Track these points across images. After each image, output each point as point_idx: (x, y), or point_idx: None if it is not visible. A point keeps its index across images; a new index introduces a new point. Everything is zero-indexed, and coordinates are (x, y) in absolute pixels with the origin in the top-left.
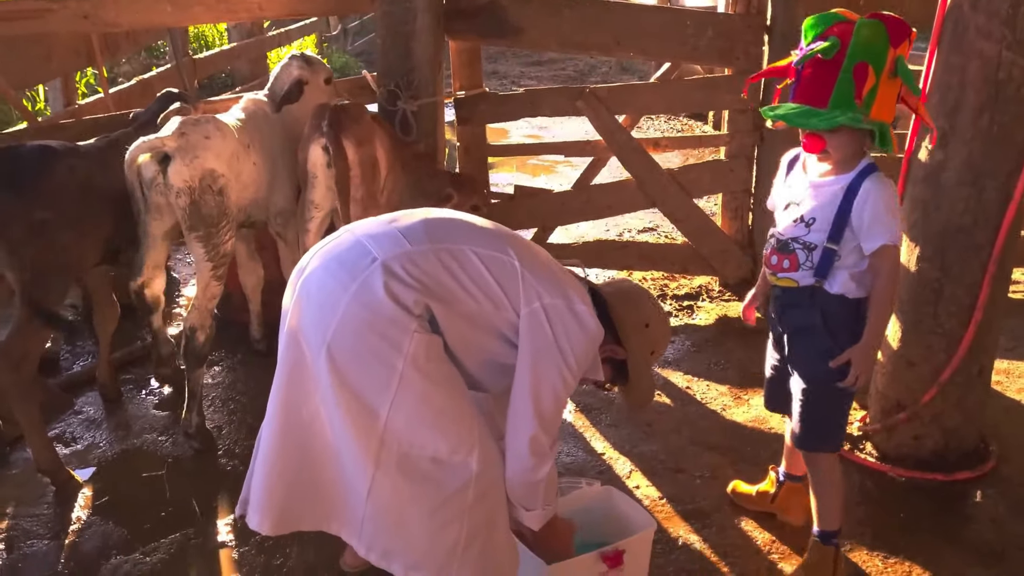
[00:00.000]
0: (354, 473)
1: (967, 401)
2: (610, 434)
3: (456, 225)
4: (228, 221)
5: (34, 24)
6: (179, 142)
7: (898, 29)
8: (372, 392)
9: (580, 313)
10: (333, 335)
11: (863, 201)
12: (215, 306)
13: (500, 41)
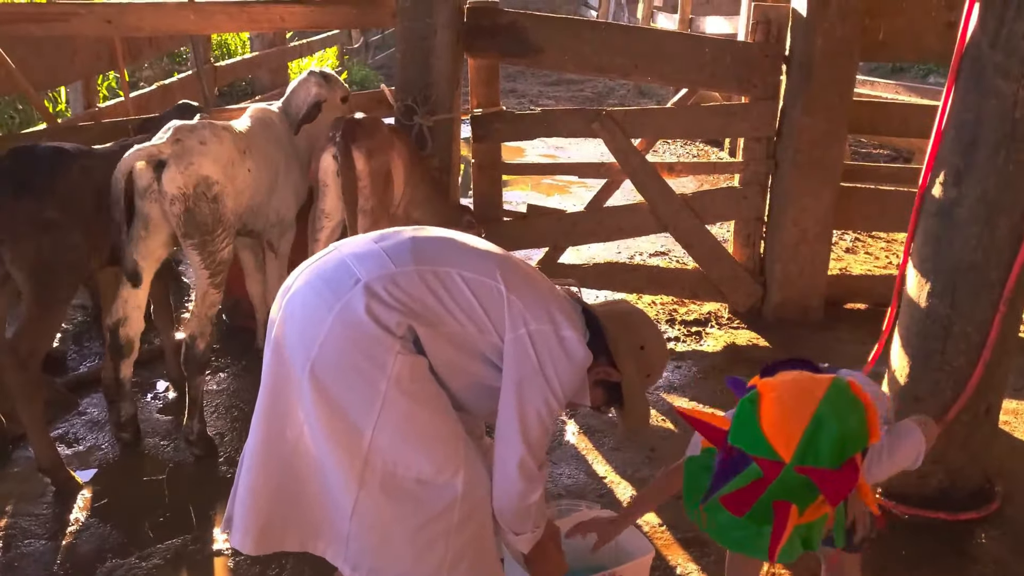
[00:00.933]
0: (338, 492)
1: (973, 440)
2: (612, 457)
3: (444, 245)
4: (224, 229)
5: (59, 27)
6: (174, 148)
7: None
8: (356, 411)
9: (567, 339)
10: (317, 354)
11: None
12: (216, 313)
13: (519, 60)
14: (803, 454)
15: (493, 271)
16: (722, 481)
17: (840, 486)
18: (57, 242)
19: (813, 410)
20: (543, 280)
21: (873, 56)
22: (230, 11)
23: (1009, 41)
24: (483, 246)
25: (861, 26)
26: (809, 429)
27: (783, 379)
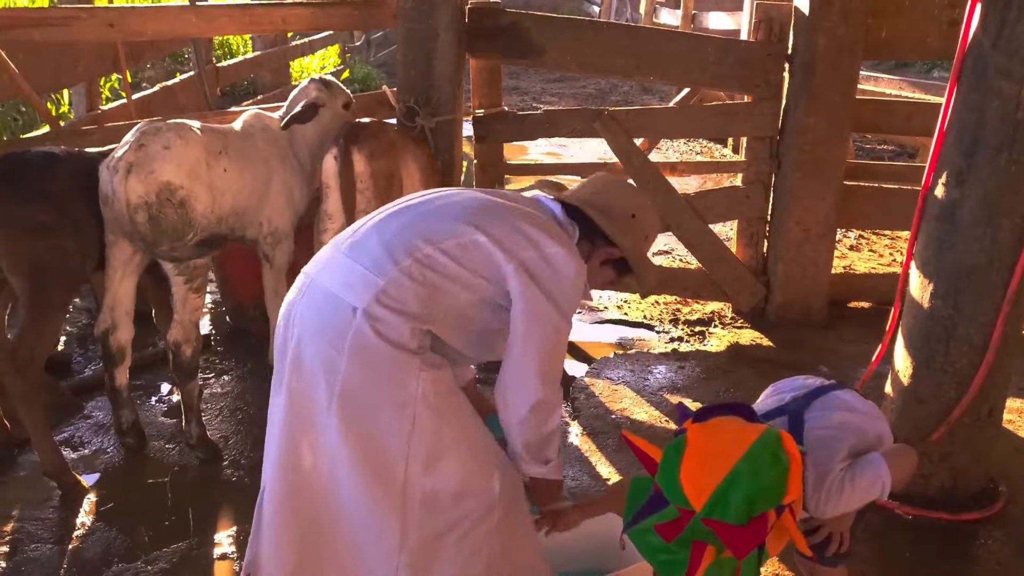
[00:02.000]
0: (379, 528)
1: (976, 441)
2: (616, 459)
3: (408, 226)
4: (196, 233)
5: (61, 31)
6: (136, 155)
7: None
8: (388, 441)
9: (553, 256)
10: (339, 396)
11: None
12: (200, 318)
13: (522, 61)
14: (711, 508)
15: (462, 226)
16: (649, 512)
17: (744, 541)
18: (51, 247)
19: (731, 465)
20: (513, 204)
21: (876, 55)
22: (232, 14)
23: (1011, 42)
24: (443, 200)
25: (864, 25)
26: (722, 485)
27: (714, 427)
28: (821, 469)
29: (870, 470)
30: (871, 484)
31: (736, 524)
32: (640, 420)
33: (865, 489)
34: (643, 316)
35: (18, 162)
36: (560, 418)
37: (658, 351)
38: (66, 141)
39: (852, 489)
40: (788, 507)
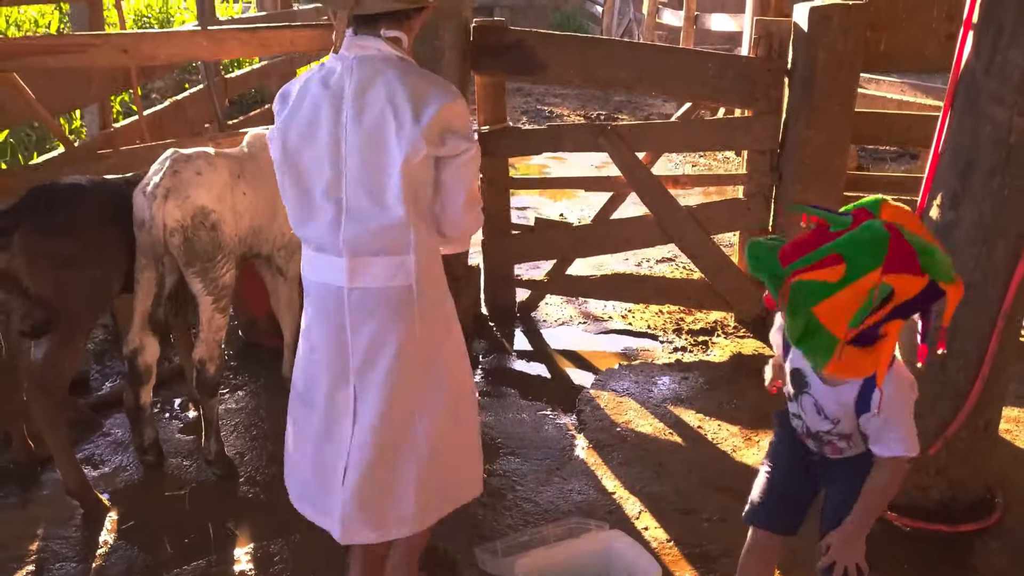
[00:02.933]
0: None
1: (973, 454)
2: (621, 472)
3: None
4: (224, 255)
5: (75, 58)
6: (172, 181)
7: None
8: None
9: (438, 96)
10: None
11: (872, 411)
12: (223, 337)
13: (525, 77)
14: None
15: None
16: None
17: (908, 281)
18: (78, 277)
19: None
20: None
21: (874, 67)
22: (241, 37)
23: (1003, 69)
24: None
25: (863, 38)
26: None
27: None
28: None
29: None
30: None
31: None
32: (645, 432)
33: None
34: (647, 326)
35: (46, 194)
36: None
37: (662, 361)
38: (81, 165)
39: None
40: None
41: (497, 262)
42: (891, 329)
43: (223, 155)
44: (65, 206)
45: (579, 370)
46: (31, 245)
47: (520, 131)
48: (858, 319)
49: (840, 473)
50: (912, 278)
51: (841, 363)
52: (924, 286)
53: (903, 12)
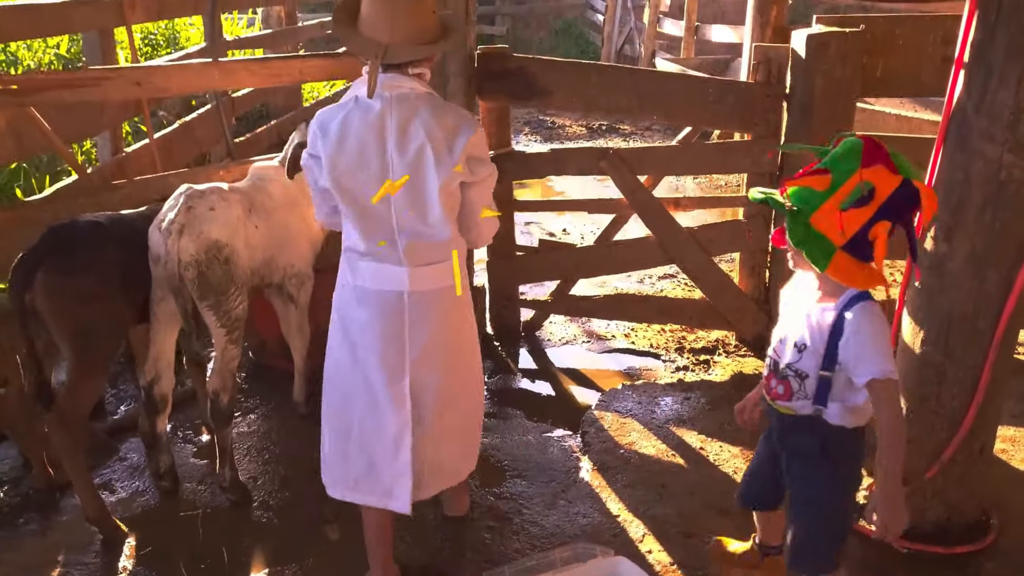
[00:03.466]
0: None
1: (969, 477)
2: (625, 495)
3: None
4: (237, 287)
5: (91, 92)
6: (187, 217)
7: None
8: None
9: (459, 122)
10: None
11: (846, 336)
12: (236, 367)
13: (529, 103)
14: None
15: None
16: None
17: (885, 177)
18: (98, 312)
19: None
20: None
21: (872, 92)
22: (252, 68)
23: (993, 108)
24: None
25: (860, 65)
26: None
27: None
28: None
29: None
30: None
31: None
32: (648, 454)
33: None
34: (649, 344)
35: (65, 233)
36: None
37: (664, 381)
38: (96, 196)
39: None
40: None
41: (502, 283)
42: (879, 232)
43: (235, 190)
44: (84, 245)
45: (583, 389)
46: (53, 283)
47: (524, 155)
48: (847, 203)
49: (802, 472)
50: (888, 173)
51: (839, 268)
52: (900, 183)
53: (900, 38)
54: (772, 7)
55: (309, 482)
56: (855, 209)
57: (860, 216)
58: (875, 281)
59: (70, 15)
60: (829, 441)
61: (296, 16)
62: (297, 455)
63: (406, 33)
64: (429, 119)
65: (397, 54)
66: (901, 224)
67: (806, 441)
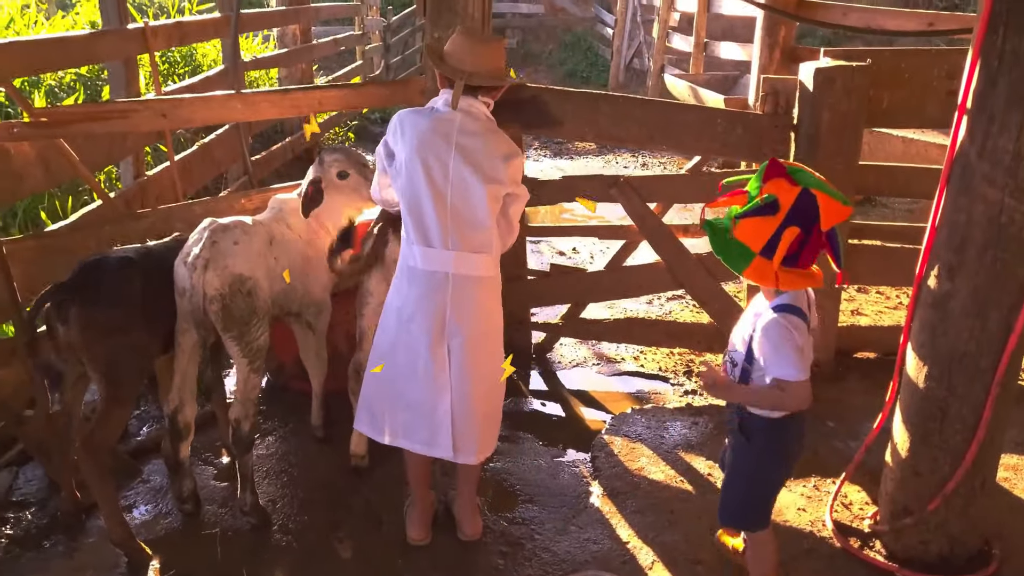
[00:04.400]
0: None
1: (971, 509)
2: (635, 521)
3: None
4: (259, 319)
5: (118, 123)
6: (211, 252)
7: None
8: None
9: (506, 152)
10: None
11: (758, 337)
12: (258, 395)
13: (541, 131)
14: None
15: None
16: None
17: (784, 188)
18: (127, 344)
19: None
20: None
21: (878, 124)
22: (272, 99)
23: (994, 153)
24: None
25: (866, 98)
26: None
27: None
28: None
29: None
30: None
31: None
32: (657, 479)
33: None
34: (658, 368)
35: (97, 269)
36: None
37: (673, 405)
38: (121, 224)
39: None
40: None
41: (513, 305)
42: (788, 238)
43: (257, 223)
44: (115, 279)
45: (593, 411)
46: (86, 318)
47: (535, 181)
48: (747, 211)
49: (730, 447)
50: (788, 185)
51: (755, 271)
52: (799, 193)
53: (905, 71)
54: (780, 28)
55: (325, 505)
56: (761, 218)
57: (769, 224)
58: (807, 282)
59: (97, 46)
60: (745, 422)
61: (311, 33)
62: (315, 478)
63: (483, 66)
64: (488, 137)
65: (476, 79)
66: (811, 229)
67: (733, 416)
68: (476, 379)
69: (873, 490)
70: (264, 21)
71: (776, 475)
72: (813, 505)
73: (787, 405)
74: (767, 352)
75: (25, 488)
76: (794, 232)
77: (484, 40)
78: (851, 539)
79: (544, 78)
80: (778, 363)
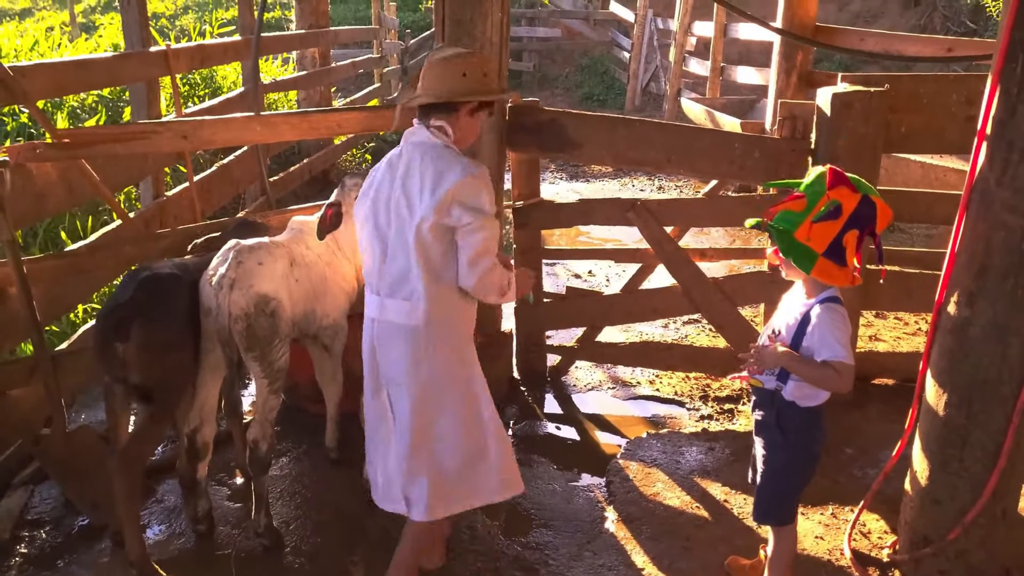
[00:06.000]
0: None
1: (991, 540)
2: (650, 547)
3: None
4: (281, 339)
5: (140, 144)
6: (237, 272)
7: (837, 177)
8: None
9: (461, 177)
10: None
11: (813, 327)
12: (276, 416)
13: (559, 155)
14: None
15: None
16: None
17: (848, 195)
18: (179, 362)
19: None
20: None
21: (896, 149)
22: (292, 121)
23: (1014, 181)
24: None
25: (884, 122)
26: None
27: None
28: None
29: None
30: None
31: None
32: (673, 505)
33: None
34: (674, 392)
35: (152, 285)
36: (496, 266)
37: (688, 430)
38: (141, 244)
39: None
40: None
41: (529, 328)
42: (850, 240)
43: (280, 244)
44: (167, 296)
45: (608, 435)
46: (147, 335)
47: (552, 204)
48: (818, 217)
49: (763, 438)
50: (850, 192)
51: (822, 271)
52: (860, 199)
53: (924, 97)
54: (798, 52)
55: (339, 527)
56: (826, 222)
57: (832, 228)
58: (849, 280)
59: (120, 68)
60: (782, 414)
61: (330, 56)
62: (328, 500)
63: (432, 86)
64: (427, 163)
65: (417, 99)
66: (868, 233)
67: (768, 412)
68: (419, 431)
69: (892, 519)
70: (284, 44)
71: (809, 467)
72: (831, 533)
73: (834, 384)
74: (822, 335)
75: (41, 507)
76: (855, 235)
77: (443, 58)
78: (870, 569)
79: (561, 101)
80: (832, 345)
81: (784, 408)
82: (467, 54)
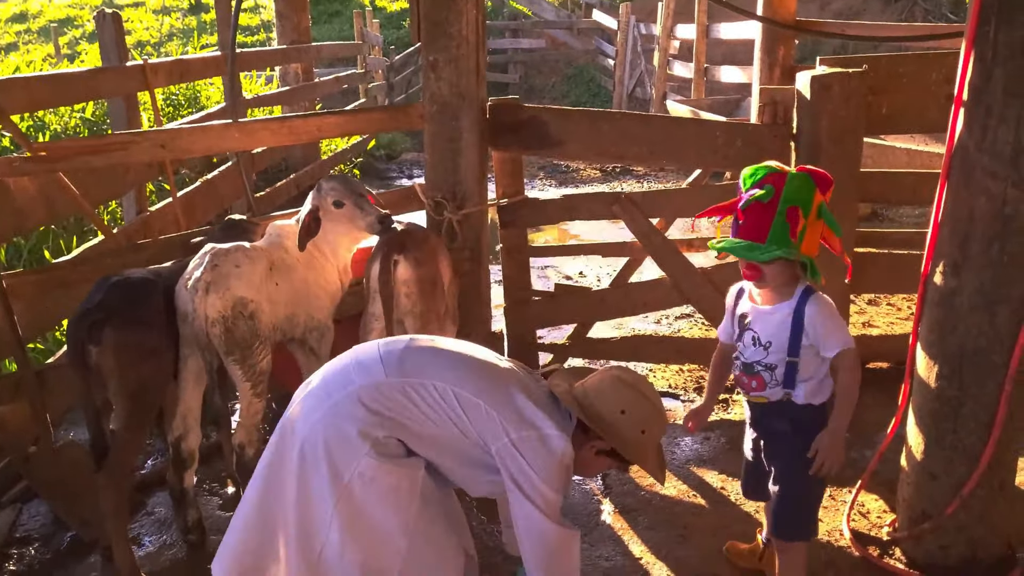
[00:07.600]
0: (296, 560)
1: (991, 513)
2: (647, 537)
3: (432, 359)
4: (261, 342)
5: (118, 155)
6: (212, 274)
7: (822, 181)
8: (319, 499)
9: (549, 438)
10: (306, 437)
11: (812, 322)
12: (260, 420)
13: (542, 152)
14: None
15: (474, 388)
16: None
17: (824, 182)
18: (155, 368)
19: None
20: (525, 384)
21: (878, 130)
22: (271, 127)
23: (994, 145)
24: (466, 357)
25: (865, 104)
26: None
27: None
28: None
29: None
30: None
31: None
32: (669, 495)
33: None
34: (668, 384)
35: (125, 288)
36: (577, 548)
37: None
38: (122, 256)
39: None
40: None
41: (520, 328)
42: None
43: (258, 248)
44: (143, 300)
45: None
46: (121, 339)
47: (537, 202)
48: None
49: (778, 450)
50: (829, 191)
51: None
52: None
53: (903, 76)
54: (779, 47)
55: None
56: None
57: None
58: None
59: (97, 82)
60: (798, 420)
61: (313, 72)
62: None
63: (591, 404)
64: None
65: (576, 411)
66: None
67: (780, 422)
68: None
69: (890, 499)
70: (266, 59)
71: None
72: (829, 515)
73: (856, 378)
74: (826, 328)
75: (29, 524)
76: (796, 211)
77: (626, 383)
78: (870, 548)
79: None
80: (837, 336)
81: (799, 413)
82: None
